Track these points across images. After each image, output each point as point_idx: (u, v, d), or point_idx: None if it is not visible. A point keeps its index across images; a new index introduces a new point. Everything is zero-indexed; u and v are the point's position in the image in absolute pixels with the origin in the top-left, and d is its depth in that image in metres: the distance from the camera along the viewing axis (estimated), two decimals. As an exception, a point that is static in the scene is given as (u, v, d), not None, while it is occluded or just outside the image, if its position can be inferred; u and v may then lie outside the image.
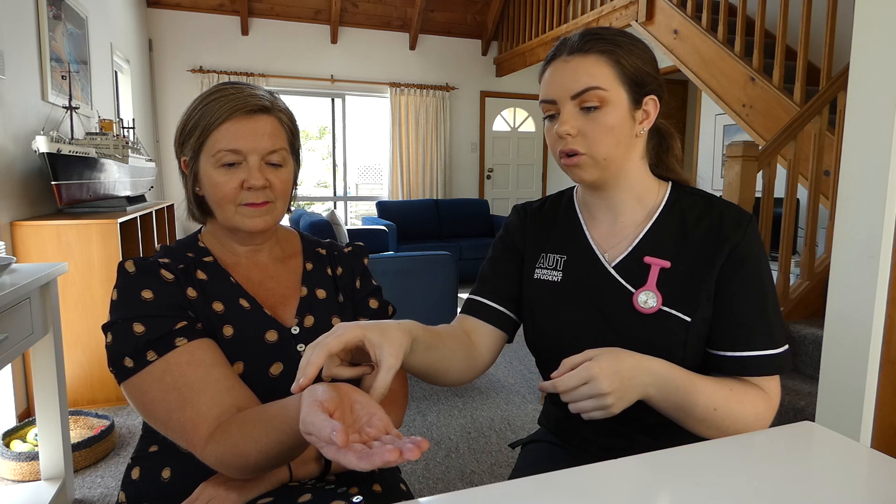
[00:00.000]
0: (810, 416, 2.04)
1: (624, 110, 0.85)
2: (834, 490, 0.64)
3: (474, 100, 6.84)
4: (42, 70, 2.80)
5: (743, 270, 0.85)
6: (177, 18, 5.59)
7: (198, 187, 0.90)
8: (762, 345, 0.84)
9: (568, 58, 0.85)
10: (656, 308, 0.85)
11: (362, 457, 0.53)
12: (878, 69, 1.56)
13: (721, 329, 0.86)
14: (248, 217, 0.88)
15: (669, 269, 0.87)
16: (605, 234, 0.94)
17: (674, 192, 0.93)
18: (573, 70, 0.84)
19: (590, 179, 0.88)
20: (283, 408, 0.69)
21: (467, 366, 0.90)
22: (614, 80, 0.84)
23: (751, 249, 0.86)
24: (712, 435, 0.82)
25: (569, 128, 0.84)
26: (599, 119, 0.84)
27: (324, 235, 3.21)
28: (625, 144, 0.87)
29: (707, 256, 0.86)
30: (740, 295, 0.85)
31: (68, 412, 2.00)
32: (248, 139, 0.85)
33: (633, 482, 0.67)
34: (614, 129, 0.84)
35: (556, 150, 0.88)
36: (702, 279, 0.86)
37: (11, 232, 2.38)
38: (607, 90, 0.83)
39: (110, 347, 0.80)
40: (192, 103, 0.89)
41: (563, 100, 0.85)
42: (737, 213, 0.88)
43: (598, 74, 0.83)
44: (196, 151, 0.87)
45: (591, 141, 0.84)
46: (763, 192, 2.53)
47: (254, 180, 0.86)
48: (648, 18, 4.05)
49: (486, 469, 2.12)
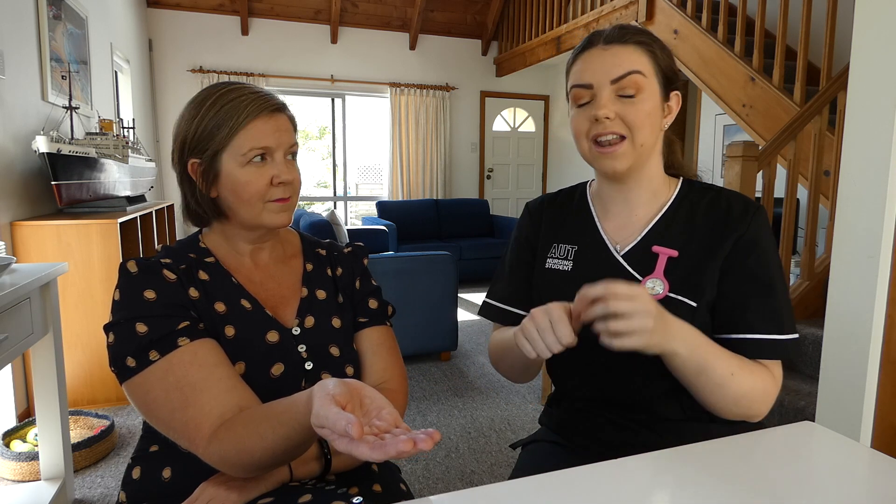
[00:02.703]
0: (810, 416, 2.04)
1: (657, 100, 0.88)
2: (834, 490, 0.65)
3: (474, 100, 6.84)
4: (42, 70, 2.80)
5: (748, 258, 0.87)
6: (177, 18, 5.59)
7: (213, 189, 0.89)
8: (765, 329, 0.85)
9: (606, 46, 0.87)
10: (663, 294, 0.87)
11: (375, 448, 0.53)
12: (878, 69, 1.56)
13: (724, 312, 0.87)
14: (275, 213, 0.89)
15: (677, 257, 0.89)
16: (617, 227, 0.96)
17: (684, 187, 0.96)
18: (613, 56, 0.86)
19: (622, 168, 0.89)
20: (291, 403, 0.69)
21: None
22: (651, 70, 0.87)
23: (757, 238, 0.88)
24: (723, 405, 0.83)
25: (608, 111, 0.86)
26: (638, 104, 0.86)
27: (324, 235, 3.21)
28: (655, 134, 0.90)
29: (713, 245, 0.88)
30: (744, 280, 0.87)
31: (68, 412, 2.00)
32: (274, 136, 0.87)
33: (634, 482, 0.67)
34: (651, 115, 0.87)
35: (590, 135, 0.89)
36: (707, 267, 0.88)
37: (11, 232, 2.38)
38: (646, 76, 0.86)
39: (112, 347, 0.80)
40: (200, 106, 0.87)
41: (602, 84, 0.87)
42: (743, 202, 0.90)
43: (637, 61, 0.86)
44: (217, 152, 0.86)
45: (631, 125, 0.86)
46: (763, 192, 2.53)
47: (284, 175, 0.87)
48: (648, 18, 4.05)
49: (486, 469, 2.12)
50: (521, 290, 1.02)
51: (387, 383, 0.96)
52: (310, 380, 0.89)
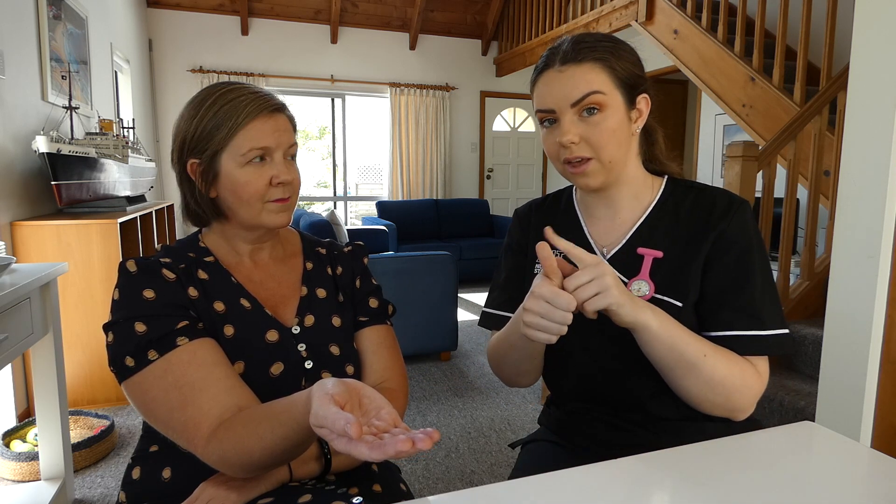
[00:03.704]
0: (810, 416, 2.04)
1: (621, 112, 0.87)
2: (834, 490, 0.65)
3: (474, 100, 6.84)
4: (42, 70, 2.80)
5: (728, 255, 0.87)
6: (177, 18, 5.59)
7: (212, 189, 0.89)
8: (744, 325, 0.85)
9: (562, 67, 0.86)
10: (649, 296, 0.88)
11: (374, 447, 0.53)
12: (878, 69, 1.56)
13: (704, 311, 0.88)
14: (275, 213, 0.89)
15: (662, 258, 0.89)
16: (602, 231, 0.97)
17: (668, 187, 0.96)
18: (569, 78, 0.86)
19: (596, 185, 0.90)
20: (290, 403, 0.69)
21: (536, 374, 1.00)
22: (610, 85, 0.86)
23: (739, 234, 0.88)
24: (699, 391, 0.83)
25: (572, 136, 0.86)
26: (601, 123, 0.86)
27: (324, 235, 3.21)
28: (625, 145, 0.89)
29: (696, 244, 0.89)
30: (724, 278, 0.87)
31: (68, 412, 2.00)
32: (274, 136, 0.87)
33: (634, 482, 0.67)
34: (616, 131, 0.86)
35: (560, 158, 0.89)
36: (691, 266, 0.88)
37: (11, 232, 2.38)
38: (606, 94, 0.85)
39: (111, 347, 0.80)
40: (200, 107, 0.87)
41: (563, 109, 0.86)
42: (727, 199, 0.90)
43: (594, 80, 0.85)
44: (216, 153, 0.86)
45: (595, 146, 0.86)
46: (763, 192, 2.53)
47: (284, 175, 0.87)
48: (648, 18, 4.05)
49: (486, 469, 2.12)
50: (519, 296, 1.02)
51: (387, 383, 0.96)
52: (310, 379, 0.89)
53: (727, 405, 0.84)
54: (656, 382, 0.88)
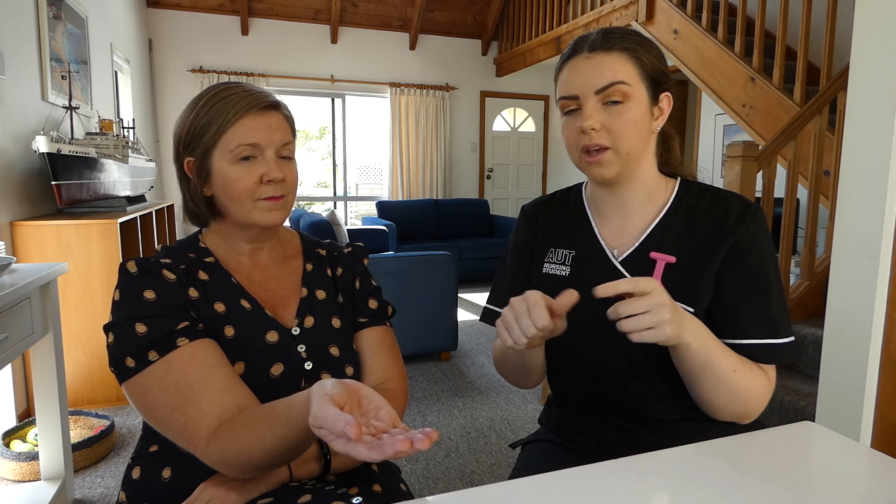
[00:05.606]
0: (810, 416, 2.04)
1: (645, 106, 0.87)
2: (834, 490, 0.65)
3: (474, 100, 6.83)
4: (42, 70, 2.80)
5: (743, 261, 0.87)
6: (177, 18, 5.59)
7: (206, 187, 0.90)
8: (760, 334, 0.85)
9: (590, 54, 0.86)
10: None
11: (373, 448, 0.53)
12: (878, 69, 1.56)
13: (719, 316, 0.87)
14: (266, 211, 0.88)
15: (675, 263, 0.88)
16: (614, 232, 0.96)
17: (682, 189, 0.95)
18: (596, 66, 0.85)
19: (610, 176, 0.89)
20: (289, 404, 0.69)
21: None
22: (636, 77, 0.86)
23: (753, 241, 0.87)
24: (721, 403, 0.83)
25: (593, 122, 0.85)
26: (623, 114, 0.85)
27: (324, 235, 3.22)
28: (644, 140, 0.89)
29: (710, 249, 0.88)
30: (740, 285, 0.86)
31: (68, 412, 2.00)
32: (264, 133, 0.86)
33: (634, 482, 0.67)
34: (637, 123, 0.86)
35: (578, 145, 0.88)
36: (704, 271, 0.87)
37: (11, 232, 2.38)
38: (631, 85, 0.85)
39: (112, 347, 0.80)
40: (195, 105, 0.88)
41: (587, 95, 0.86)
42: (742, 205, 0.89)
43: (621, 70, 0.85)
44: (207, 150, 0.87)
45: (616, 135, 0.86)
46: (763, 192, 2.53)
47: (273, 173, 0.87)
48: (648, 18, 4.05)
49: (486, 469, 2.12)
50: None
51: (386, 383, 0.96)
52: (309, 380, 0.89)
53: (743, 413, 0.85)
54: (661, 384, 0.88)
